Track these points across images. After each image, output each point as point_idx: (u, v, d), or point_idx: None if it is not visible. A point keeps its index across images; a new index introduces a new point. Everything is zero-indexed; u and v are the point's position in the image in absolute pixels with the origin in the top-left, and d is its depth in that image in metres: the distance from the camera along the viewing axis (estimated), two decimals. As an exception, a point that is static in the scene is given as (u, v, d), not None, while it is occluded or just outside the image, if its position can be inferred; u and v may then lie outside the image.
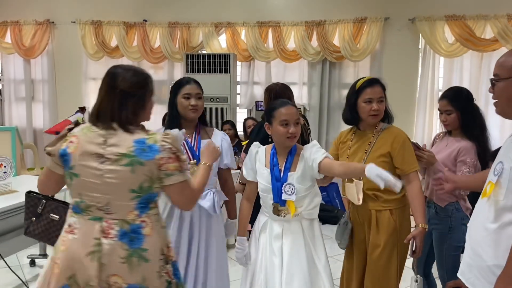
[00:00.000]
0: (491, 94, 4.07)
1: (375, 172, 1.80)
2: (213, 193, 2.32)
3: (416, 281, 2.16)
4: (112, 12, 6.44)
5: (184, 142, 2.29)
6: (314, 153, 2.07)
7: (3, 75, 7.03)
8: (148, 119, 1.74)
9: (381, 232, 2.22)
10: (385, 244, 2.20)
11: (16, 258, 3.83)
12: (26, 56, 6.76)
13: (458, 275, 1.65)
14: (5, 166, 3.15)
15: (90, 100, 6.64)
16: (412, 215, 2.22)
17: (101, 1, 6.56)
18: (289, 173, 2.10)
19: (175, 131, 2.13)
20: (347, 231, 2.35)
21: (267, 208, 2.15)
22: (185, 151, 2.26)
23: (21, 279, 3.10)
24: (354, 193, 2.25)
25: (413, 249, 2.16)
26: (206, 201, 2.28)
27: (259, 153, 2.22)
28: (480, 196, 1.61)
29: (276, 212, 2.10)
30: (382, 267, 2.23)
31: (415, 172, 2.21)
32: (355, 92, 2.26)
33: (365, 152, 2.26)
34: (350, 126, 2.42)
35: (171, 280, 1.70)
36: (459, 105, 2.44)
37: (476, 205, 1.63)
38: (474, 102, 2.54)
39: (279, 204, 2.09)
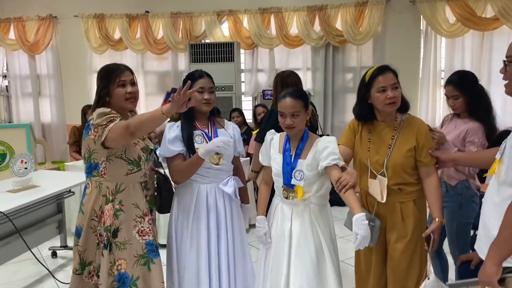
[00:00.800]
0: (493, 73, 4.21)
1: (359, 227, 1.89)
2: (233, 179, 2.41)
3: (428, 278, 2.09)
4: (114, 5, 6.47)
5: (203, 133, 2.36)
6: (326, 153, 2.10)
7: (9, 72, 7.10)
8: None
9: (407, 223, 2.20)
10: (412, 234, 2.18)
11: (38, 251, 3.96)
12: (30, 52, 6.82)
13: (475, 246, 1.76)
14: (25, 162, 3.25)
15: (96, 93, 6.72)
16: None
17: (103, -6, 6.61)
18: (299, 160, 2.18)
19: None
20: (376, 228, 2.23)
21: (279, 192, 2.27)
22: (204, 141, 2.33)
23: (48, 269, 3.22)
24: (377, 190, 2.18)
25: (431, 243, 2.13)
26: (229, 187, 2.36)
27: (274, 140, 2.33)
28: (489, 172, 1.72)
29: (286, 195, 2.21)
30: (409, 257, 2.20)
31: (434, 165, 2.19)
32: (365, 84, 2.17)
33: (389, 147, 2.18)
34: None
35: (99, 242, 2.18)
36: (465, 90, 2.52)
37: (490, 182, 1.73)
38: (479, 83, 2.62)
39: (288, 187, 2.19)
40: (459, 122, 2.61)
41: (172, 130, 2.35)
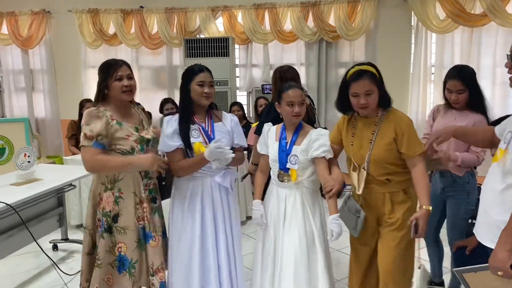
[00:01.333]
0: (482, 67, 4.36)
1: (333, 226, 2.21)
2: (230, 172, 2.51)
3: (419, 267, 2.20)
4: (108, 0, 6.48)
5: (200, 127, 2.44)
6: (317, 144, 2.35)
7: (2, 67, 7.06)
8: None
9: (398, 212, 2.26)
10: (402, 222, 2.23)
11: (37, 244, 4.00)
12: (23, 46, 6.81)
13: (474, 230, 1.85)
14: (28, 156, 3.30)
15: (91, 88, 6.73)
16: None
17: (97, -11, 6.60)
18: (294, 146, 2.40)
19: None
20: (361, 220, 2.32)
21: (274, 176, 2.45)
22: (200, 135, 2.42)
23: (52, 260, 3.28)
24: (356, 181, 2.31)
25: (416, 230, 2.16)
26: (225, 180, 2.47)
27: (271, 130, 2.53)
28: (492, 160, 1.80)
29: (281, 178, 2.41)
30: (399, 246, 2.25)
31: (418, 155, 2.21)
32: (345, 83, 2.26)
33: (370, 142, 2.26)
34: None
35: (97, 226, 2.38)
36: (469, 84, 2.62)
37: (489, 170, 1.81)
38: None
39: (283, 171, 2.40)
40: (459, 115, 2.69)
41: (170, 125, 2.43)
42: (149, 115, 2.44)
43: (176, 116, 2.46)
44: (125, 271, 2.39)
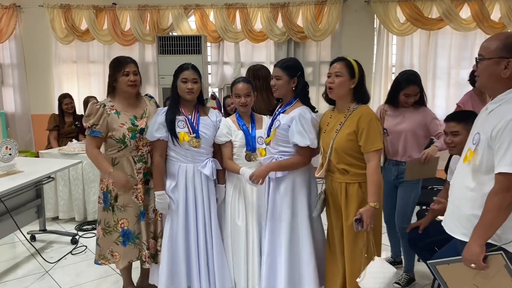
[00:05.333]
0: (438, 68, 4.84)
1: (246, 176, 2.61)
2: (212, 161, 2.76)
3: (373, 259, 2.33)
4: (80, -5, 6.52)
5: (186, 118, 2.70)
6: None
7: (-30, 61, 6.97)
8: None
9: (350, 204, 2.44)
10: (353, 215, 2.39)
11: (15, 235, 4.10)
12: (-7, 40, 6.74)
13: (442, 223, 2.04)
14: (10, 149, 3.41)
15: (63, 82, 6.77)
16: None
17: (68, -16, 6.61)
18: (256, 131, 2.78)
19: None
20: (320, 202, 2.60)
21: (241, 159, 2.75)
22: (186, 126, 2.68)
23: (35, 248, 3.42)
24: (319, 165, 2.60)
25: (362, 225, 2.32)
26: (207, 169, 2.72)
27: (228, 122, 2.81)
28: (462, 160, 1.94)
29: (248, 158, 2.74)
30: (352, 238, 2.44)
31: (374, 151, 2.34)
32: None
33: (336, 132, 2.46)
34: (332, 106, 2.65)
35: (98, 202, 2.82)
36: (421, 86, 3.01)
37: (457, 168, 2.01)
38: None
39: (251, 152, 2.74)
40: (406, 112, 3.04)
41: (160, 116, 2.70)
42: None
43: (166, 108, 2.74)
44: (130, 243, 2.80)
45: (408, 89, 2.98)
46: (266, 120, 2.86)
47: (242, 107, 2.77)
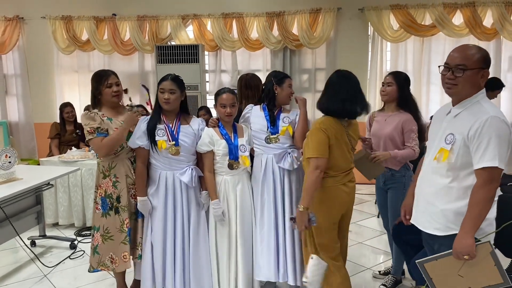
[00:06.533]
0: (432, 74, 4.92)
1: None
2: (192, 169, 2.84)
3: (312, 258, 2.58)
4: (81, 7, 6.68)
5: (166, 127, 2.80)
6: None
7: (-25, 71, 7.15)
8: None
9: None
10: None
11: (15, 241, 4.21)
12: (-3, 51, 6.93)
13: (411, 221, 2.14)
14: (9, 157, 3.54)
15: (64, 91, 6.92)
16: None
17: (70, -4, 6.79)
18: (238, 139, 2.87)
19: None
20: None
21: (224, 167, 2.83)
22: (165, 134, 2.78)
23: (34, 253, 3.53)
24: None
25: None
26: (185, 176, 2.80)
27: (210, 131, 2.86)
28: (430, 159, 2.05)
29: (231, 167, 2.83)
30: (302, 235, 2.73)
31: (307, 159, 2.51)
32: None
33: None
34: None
35: (96, 208, 2.91)
36: (399, 82, 3.05)
37: (424, 167, 2.11)
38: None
39: (234, 160, 2.81)
40: (388, 116, 3.09)
41: (142, 124, 2.82)
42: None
43: (148, 117, 2.86)
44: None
45: (384, 79, 3.16)
46: (246, 129, 2.99)
47: (228, 117, 2.85)
